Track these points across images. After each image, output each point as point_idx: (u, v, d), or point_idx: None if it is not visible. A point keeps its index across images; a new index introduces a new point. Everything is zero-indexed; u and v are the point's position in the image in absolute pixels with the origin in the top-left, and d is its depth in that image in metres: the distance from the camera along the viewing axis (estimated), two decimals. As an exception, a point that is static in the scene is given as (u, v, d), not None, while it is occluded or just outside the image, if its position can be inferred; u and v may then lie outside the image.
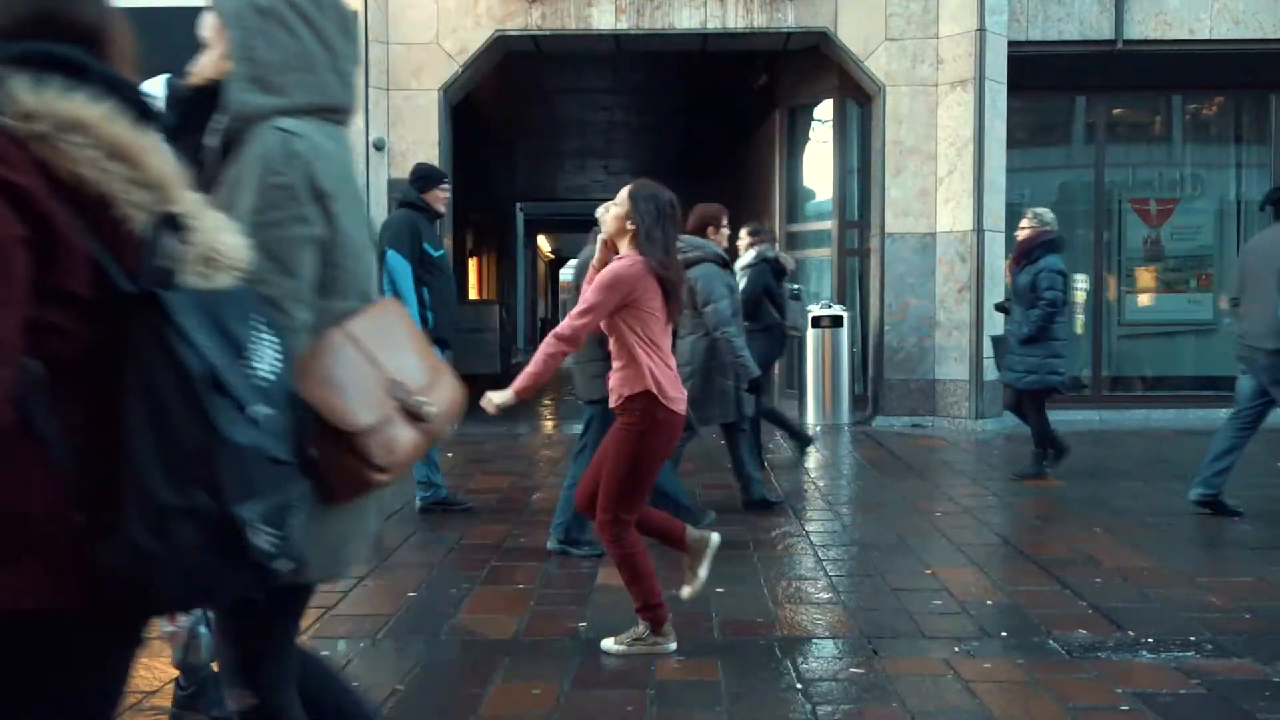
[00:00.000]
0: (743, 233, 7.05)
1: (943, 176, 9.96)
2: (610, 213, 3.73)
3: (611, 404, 3.74)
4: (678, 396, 3.68)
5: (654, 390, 3.59)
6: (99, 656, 1.50)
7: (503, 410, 3.61)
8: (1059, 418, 10.56)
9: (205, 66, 1.88)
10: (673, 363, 3.75)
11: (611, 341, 3.71)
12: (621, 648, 3.74)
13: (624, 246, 3.70)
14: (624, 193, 3.71)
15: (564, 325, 3.66)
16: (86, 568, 1.39)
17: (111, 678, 1.57)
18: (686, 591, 3.89)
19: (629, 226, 3.66)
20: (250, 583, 1.49)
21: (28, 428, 1.36)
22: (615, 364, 3.70)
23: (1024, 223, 7.06)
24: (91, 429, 1.41)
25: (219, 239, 1.51)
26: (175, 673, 3.55)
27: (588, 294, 3.63)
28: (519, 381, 3.59)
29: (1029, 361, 6.79)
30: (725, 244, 5.92)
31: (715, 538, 3.90)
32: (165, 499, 1.37)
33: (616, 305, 3.59)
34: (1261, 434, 6.09)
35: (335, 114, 1.93)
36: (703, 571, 3.87)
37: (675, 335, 4.14)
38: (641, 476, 3.66)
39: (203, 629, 2.88)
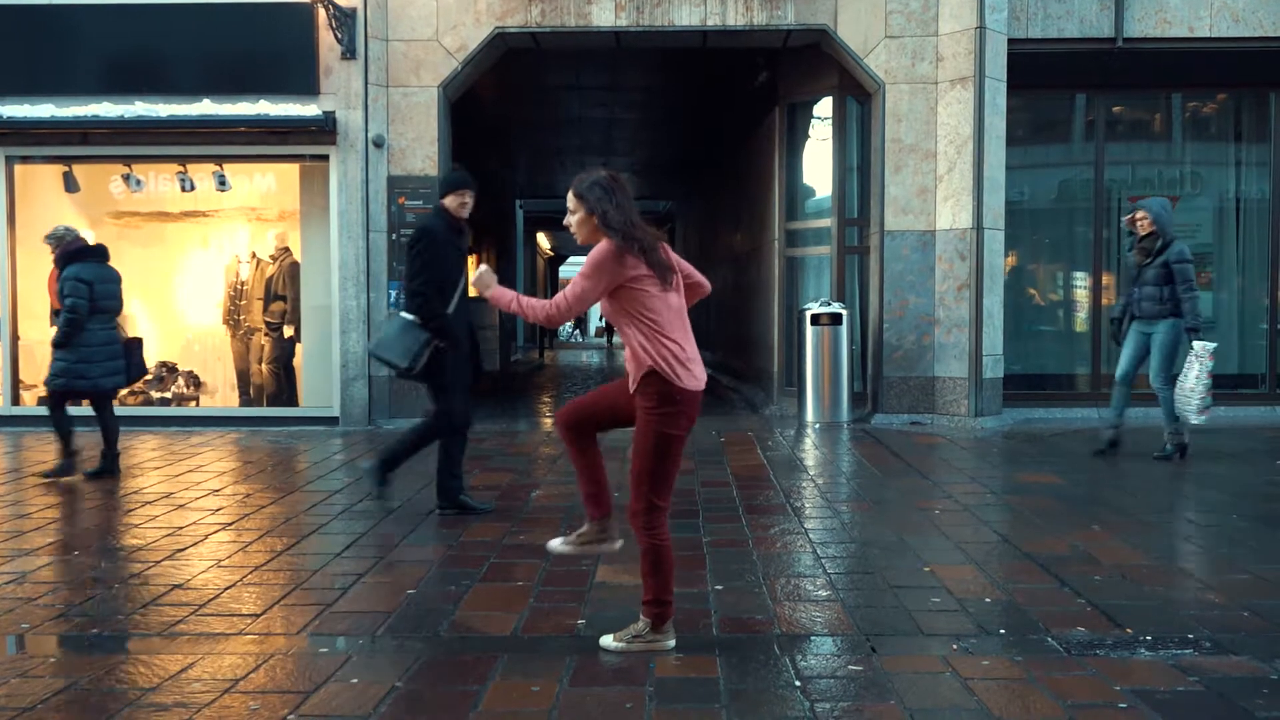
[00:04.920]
0: None
1: (942, 174, 9.97)
2: (573, 223, 3.75)
3: (630, 388, 3.72)
4: (688, 372, 3.63)
5: (661, 369, 3.58)
6: None
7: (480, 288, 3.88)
8: (1068, 415, 10.54)
9: None
10: (682, 338, 3.67)
11: (618, 327, 3.72)
12: (620, 645, 3.75)
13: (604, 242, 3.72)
14: (570, 198, 3.75)
15: (557, 306, 3.73)
16: None
17: None
18: (554, 543, 4.03)
19: (594, 220, 3.68)
20: None
21: None
22: (626, 350, 3.71)
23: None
24: None
25: None
26: (174, 670, 3.55)
27: (575, 279, 3.69)
28: (509, 293, 3.82)
29: (57, 365, 7.27)
30: None
31: (619, 544, 4.01)
32: None
33: (605, 289, 3.62)
34: (1261, 434, 6.09)
35: None
36: (573, 550, 3.97)
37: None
38: (669, 457, 3.64)
39: None
